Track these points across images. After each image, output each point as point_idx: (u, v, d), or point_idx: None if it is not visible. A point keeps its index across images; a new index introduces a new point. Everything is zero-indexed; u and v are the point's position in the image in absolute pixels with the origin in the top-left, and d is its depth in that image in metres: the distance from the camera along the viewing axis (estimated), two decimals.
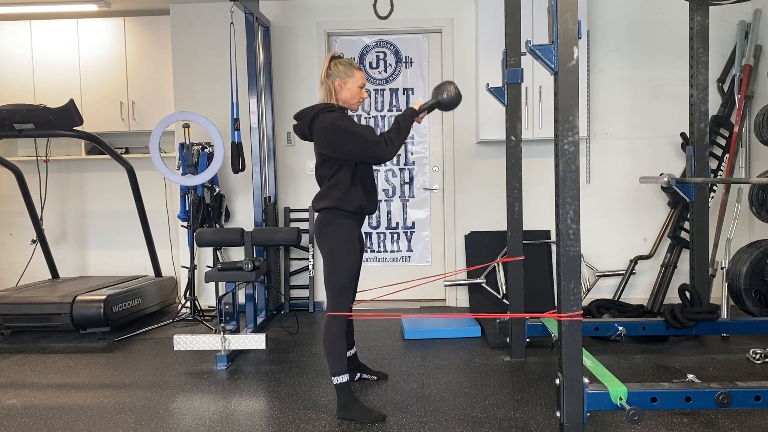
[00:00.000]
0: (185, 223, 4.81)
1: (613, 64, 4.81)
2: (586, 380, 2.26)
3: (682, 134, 4.59)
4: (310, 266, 4.99)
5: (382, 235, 5.09)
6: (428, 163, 5.05)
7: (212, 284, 4.98)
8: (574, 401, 2.23)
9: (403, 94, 5.02)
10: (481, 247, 4.80)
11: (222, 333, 3.48)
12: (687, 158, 3.59)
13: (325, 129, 2.65)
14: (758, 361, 3.33)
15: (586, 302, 4.36)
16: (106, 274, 5.49)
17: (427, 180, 5.06)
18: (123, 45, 5.08)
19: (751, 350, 3.40)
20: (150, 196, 5.34)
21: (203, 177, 4.25)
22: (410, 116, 2.72)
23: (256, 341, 3.49)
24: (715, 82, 4.75)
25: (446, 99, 2.74)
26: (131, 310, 4.46)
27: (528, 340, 3.53)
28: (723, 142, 4.64)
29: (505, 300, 4.43)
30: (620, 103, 4.83)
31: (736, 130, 4.50)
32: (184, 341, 3.47)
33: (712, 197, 4.59)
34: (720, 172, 4.62)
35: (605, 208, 4.88)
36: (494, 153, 4.92)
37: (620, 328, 3.47)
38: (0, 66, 5.14)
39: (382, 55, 5.02)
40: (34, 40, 5.10)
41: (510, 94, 3.40)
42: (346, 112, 2.84)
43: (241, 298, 4.55)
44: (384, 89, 5.03)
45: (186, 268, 4.79)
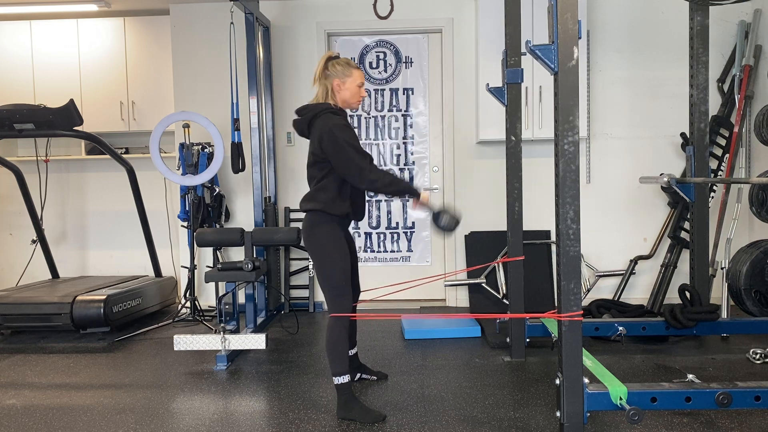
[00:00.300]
0: (185, 223, 4.81)
1: (613, 64, 4.81)
2: (586, 380, 2.26)
3: (682, 134, 4.59)
4: (310, 266, 4.99)
5: (382, 235, 5.09)
6: (428, 163, 5.05)
7: (212, 284, 4.97)
8: (574, 401, 2.23)
9: (403, 94, 5.02)
10: (481, 247, 4.80)
11: (222, 333, 3.48)
12: (687, 158, 3.59)
13: (323, 133, 2.65)
14: (758, 361, 3.33)
15: (586, 302, 4.35)
16: (106, 274, 5.50)
17: (427, 180, 5.06)
18: (123, 45, 5.08)
19: (751, 350, 3.40)
20: (150, 196, 5.33)
21: (203, 177, 4.25)
22: (407, 189, 2.70)
23: (256, 341, 3.49)
24: (715, 82, 4.75)
25: (442, 225, 2.73)
26: (131, 310, 4.46)
27: (528, 340, 3.53)
28: (723, 142, 4.64)
29: (505, 300, 4.43)
30: (620, 103, 4.83)
31: (736, 130, 4.50)
32: (184, 341, 3.47)
33: (712, 197, 4.58)
34: (720, 172, 4.62)
35: (605, 208, 4.88)
36: (494, 153, 4.91)
37: (620, 328, 3.47)
38: (0, 66, 5.14)
39: (382, 55, 5.02)
40: (34, 40, 5.10)
41: (510, 94, 3.40)
42: (346, 114, 2.85)
43: (241, 298, 4.55)
44: (384, 89, 5.03)
45: (186, 268, 4.79)
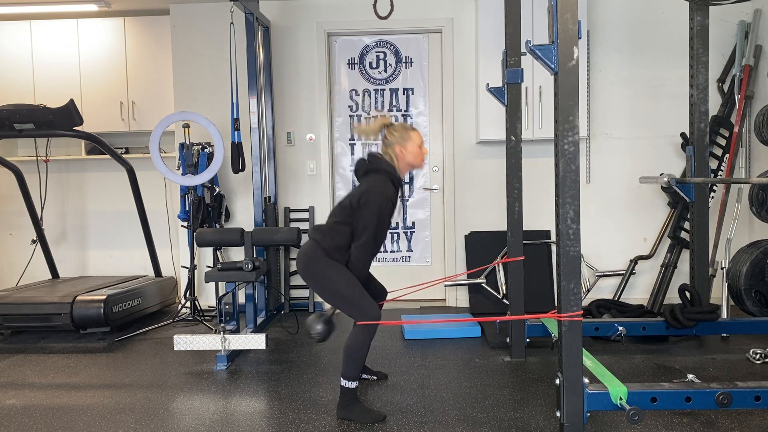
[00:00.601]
0: (185, 223, 4.81)
1: (613, 64, 4.81)
2: (586, 380, 2.26)
3: (682, 134, 4.59)
4: None
5: None
6: (428, 163, 5.05)
7: (212, 284, 4.97)
8: (574, 401, 2.23)
9: (403, 94, 5.02)
10: (481, 247, 4.80)
11: (222, 333, 3.48)
12: (687, 158, 3.59)
13: (372, 193, 2.69)
14: (758, 361, 3.33)
15: (586, 302, 4.35)
16: (106, 274, 5.49)
17: (427, 180, 5.06)
18: (123, 45, 5.08)
19: (751, 350, 3.40)
20: (150, 196, 5.33)
21: (203, 177, 4.25)
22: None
23: (256, 341, 3.48)
24: (715, 82, 4.75)
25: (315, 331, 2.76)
26: (131, 310, 4.46)
27: (528, 340, 3.53)
28: (723, 142, 4.64)
29: (505, 300, 4.43)
30: (620, 103, 4.83)
31: (736, 130, 4.50)
32: (184, 341, 3.47)
33: (712, 197, 4.58)
34: (720, 172, 4.62)
35: (605, 208, 4.88)
36: (494, 153, 4.91)
37: (620, 328, 3.47)
38: (0, 66, 5.14)
39: (382, 55, 5.02)
40: (34, 40, 5.10)
41: (510, 94, 3.40)
42: (402, 186, 2.92)
43: (241, 298, 4.55)
44: (384, 89, 5.03)
45: (186, 268, 4.79)
